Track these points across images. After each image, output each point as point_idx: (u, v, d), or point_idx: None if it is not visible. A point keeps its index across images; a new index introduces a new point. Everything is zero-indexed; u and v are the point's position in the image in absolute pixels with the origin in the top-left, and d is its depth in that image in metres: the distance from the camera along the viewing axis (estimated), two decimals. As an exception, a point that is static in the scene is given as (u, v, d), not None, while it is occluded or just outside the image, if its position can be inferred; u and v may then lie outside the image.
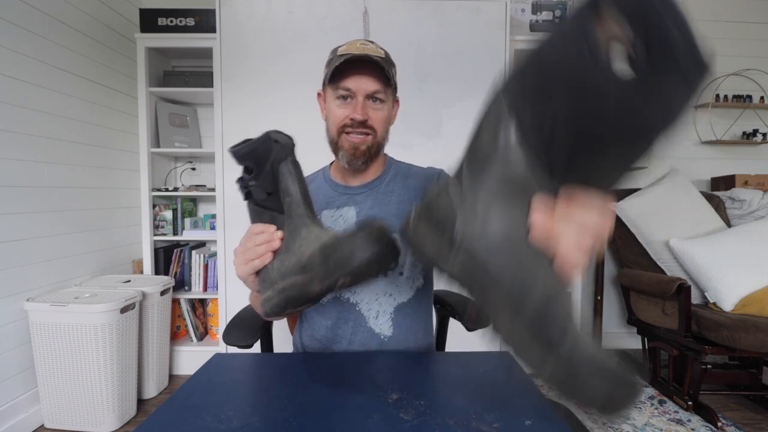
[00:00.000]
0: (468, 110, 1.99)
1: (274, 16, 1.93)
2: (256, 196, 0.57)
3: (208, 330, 2.28)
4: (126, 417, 1.63)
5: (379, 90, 0.77)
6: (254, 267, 0.57)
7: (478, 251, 0.35)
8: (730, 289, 1.71)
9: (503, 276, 0.34)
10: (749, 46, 2.50)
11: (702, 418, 1.67)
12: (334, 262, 0.48)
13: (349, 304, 0.81)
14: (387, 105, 0.80)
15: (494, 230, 0.35)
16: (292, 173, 0.56)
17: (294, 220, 0.56)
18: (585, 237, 0.33)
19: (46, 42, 1.66)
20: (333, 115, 0.79)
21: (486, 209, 0.35)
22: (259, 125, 1.96)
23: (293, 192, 0.56)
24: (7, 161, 1.49)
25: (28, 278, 1.57)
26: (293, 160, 0.57)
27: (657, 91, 0.24)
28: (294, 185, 0.56)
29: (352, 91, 0.76)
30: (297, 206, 0.56)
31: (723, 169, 2.52)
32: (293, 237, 0.55)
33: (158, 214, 2.14)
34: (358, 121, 0.76)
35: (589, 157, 0.29)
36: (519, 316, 0.34)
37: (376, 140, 0.80)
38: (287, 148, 0.57)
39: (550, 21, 2.19)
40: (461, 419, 0.48)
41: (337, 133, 0.79)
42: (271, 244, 0.55)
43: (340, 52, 0.76)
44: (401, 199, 0.85)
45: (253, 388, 0.57)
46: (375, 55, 0.74)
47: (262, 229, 0.57)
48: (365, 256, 0.47)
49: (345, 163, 0.81)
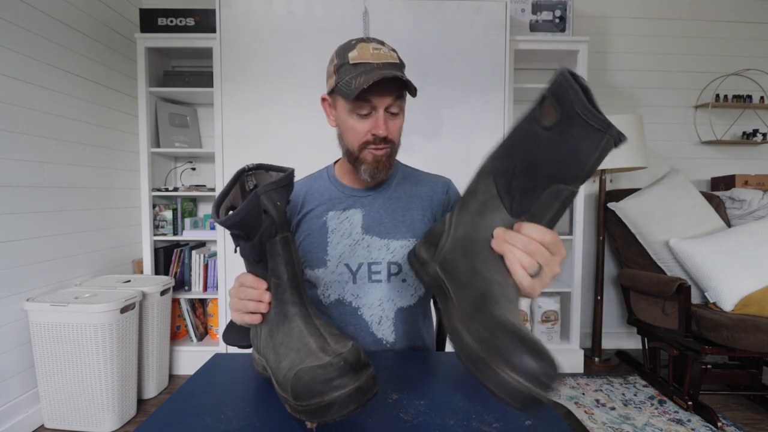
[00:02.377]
0: (468, 110, 1.99)
1: (274, 16, 1.93)
2: (244, 257, 0.54)
3: (208, 330, 2.28)
4: (126, 417, 1.63)
5: (399, 100, 0.74)
6: (244, 322, 0.56)
7: (450, 252, 0.48)
8: (730, 289, 1.71)
9: (465, 271, 0.45)
10: (749, 46, 2.50)
11: (702, 418, 1.67)
12: (304, 408, 0.42)
13: (351, 308, 0.81)
14: (403, 111, 0.78)
15: (462, 233, 0.48)
16: (281, 255, 0.51)
17: (280, 306, 0.51)
18: (530, 252, 0.42)
19: (46, 42, 1.66)
20: (352, 130, 0.75)
21: (461, 224, 0.49)
22: (259, 125, 1.96)
23: (281, 275, 0.51)
24: (7, 161, 1.49)
25: (28, 278, 1.57)
26: (284, 239, 0.52)
27: (573, 138, 0.38)
28: (282, 267, 0.51)
29: (372, 104, 0.72)
30: (285, 290, 0.51)
31: (723, 169, 2.52)
32: (278, 323, 0.51)
33: (158, 214, 2.14)
34: (381, 137, 0.73)
35: (531, 187, 0.42)
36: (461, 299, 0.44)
37: (394, 149, 0.79)
38: (278, 221, 0.51)
39: (550, 21, 2.19)
40: (461, 419, 0.48)
41: (359, 148, 0.76)
42: (259, 306, 0.53)
43: (354, 60, 0.70)
44: (408, 206, 0.84)
45: (253, 388, 0.57)
46: (392, 62, 0.71)
47: (253, 284, 0.54)
48: (338, 416, 0.41)
49: (368, 177, 0.78)
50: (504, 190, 0.44)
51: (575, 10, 2.40)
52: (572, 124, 0.37)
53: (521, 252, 0.42)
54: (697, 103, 2.50)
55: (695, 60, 2.49)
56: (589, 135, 0.37)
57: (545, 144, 0.39)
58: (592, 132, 0.36)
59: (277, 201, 0.51)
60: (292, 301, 0.51)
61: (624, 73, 2.49)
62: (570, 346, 2.17)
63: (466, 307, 0.42)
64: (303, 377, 0.43)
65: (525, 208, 0.43)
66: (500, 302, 0.41)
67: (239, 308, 0.56)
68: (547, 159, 0.40)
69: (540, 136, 0.40)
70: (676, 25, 2.48)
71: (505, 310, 0.40)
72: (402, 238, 0.81)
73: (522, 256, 0.42)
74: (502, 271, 0.43)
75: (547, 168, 0.40)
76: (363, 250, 0.80)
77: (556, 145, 0.39)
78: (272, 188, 0.50)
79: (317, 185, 0.88)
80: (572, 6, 2.19)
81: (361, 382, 0.42)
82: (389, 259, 0.80)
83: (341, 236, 0.81)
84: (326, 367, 0.42)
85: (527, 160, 0.41)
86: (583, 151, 0.38)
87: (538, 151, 0.40)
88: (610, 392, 1.92)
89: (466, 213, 0.47)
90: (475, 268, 0.44)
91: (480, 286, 0.43)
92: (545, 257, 0.42)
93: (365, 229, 0.81)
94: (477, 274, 0.44)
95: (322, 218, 0.83)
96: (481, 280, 0.43)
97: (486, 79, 1.99)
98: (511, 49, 2.04)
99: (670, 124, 2.51)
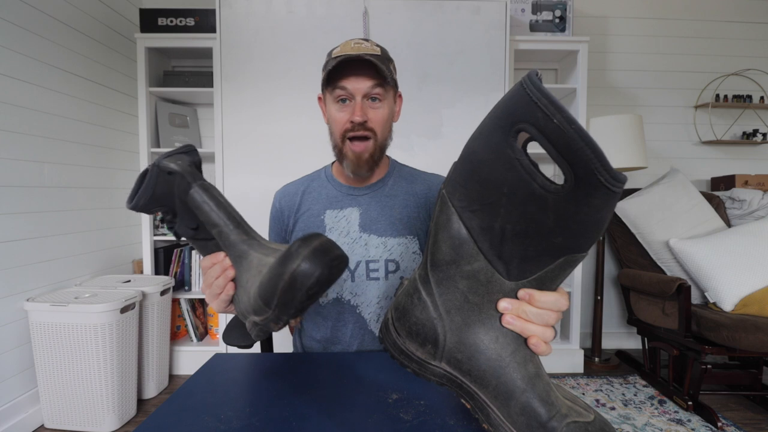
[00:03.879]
0: (468, 110, 1.99)
1: (274, 16, 1.93)
2: (185, 234, 0.51)
3: (208, 330, 2.28)
4: (126, 417, 1.63)
5: (377, 88, 0.76)
6: (224, 301, 0.53)
7: (462, 361, 0.38)
8: (730, 289, 1.72)
9: (487, 377, 0.37)
10: (749, 46, 2.50)
11: (702, 418, 1.67)
12: (277, 305, 0.40)
13: (350, 306, 0.81)
14: (387, 102, 0.79)
15: (461, 320, 0.38)
16: (207, 201, 0.48)
17: (232, 250, 0.49)
18: (547, 324, 0.37)
19: (46, 42, 1.66)
20: (334, 120, 0.79)
21: (453, 308, 0.38)
22: (259, 125, 1.96)
23: (217, 221, 0.48)
24: (7, 161, 1.49)
25: (28, 278, 1.57)
26: (201, 185, 0.48)
27: (592, 208, 0.30)
28: (214, 213, 0.48)
29: (348, 91, 0.75)
30: (228, 234, 0.48)
31: (723, 169, 2.52)
32: (239, 268, 0.49)
33: (158, 214, 2.14)
34: (358, 122, 0.75)
35: (535, 256, 0.34)
36: (507, 407, 0.36)
37: (377, 144, 0.79)
38: (187, 174, 0.48)
39: (550, 21, 2.19)
40: (461, 419, 0.48)
41: (341, 139, 0.78)
42: (226, 273, 0.51)
43: (335, 54, 0.75)
44: (405, 204, 0.85)
45: (253, 388, 0.57)
46: (369, 54, 0.73)
47: (212, 261, 0.52)
48: (307, 287, 0.38)
49: (350, 173, 0.80)
50: (494, 255, 0.35)
51: (575, 10, 2.40)
52: (591, 193, 0.29)
53: (540, 328, 0.37)
54: (697, 103, 2.50)
55: (695, 60, 2.49)
56: (609, 201, 0.29)
57: (551, 211, 0.31)
58: (611, 197, 0.29)
59: (178, 160, 0.48)
60: (240, 239, 0.48)
61: (624, 73, 2.49)
62: (570, 346, 2.17)
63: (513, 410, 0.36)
64: (263, 281, 0.41)
65: (528, 275, 0.35)
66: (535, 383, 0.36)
67: (213, 292, 0.52)
68: (555, 228, 0.32)
69: (539, 198, 0.31)
70: (676, 25, 2.48)
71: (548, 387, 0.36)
72: (399, 236, 0.82)
73: (543, 332, 0.37)
74: (513, 341, 0.37)
75: (556, 238, 0.32)
76: (361, 248, 0.81)
77: (567, 214, 0.31)
78: (168, 155, 0.49)
79: (315, 184, 0.88)
80: (572, 6, 2.19)
81: (312, 245, 0.38)
82: (387, 257, 0.80)
83: (339, 235, 0.82)
84: (278, 258, 0.40)
85: (523, 223, 0.33)
86: (603, 219, 0.31)
87: (540, 216, 0.32)
88: (610, 392, 1.92)
89: (455, 291, 0.38)
90: (491, 358, 0.37)
91: (507, 375, 0.37)
92: (557, 319, 0.39)
93: (362, 228, 0.82)
94: (498, 362, 0.37)
95: (320, 217, 0.84)
96: (501, 368, 0.37)
97: (486, 79, 1.99)
98: (511, 49, 2.04)
99: (670, 124, 2.51)
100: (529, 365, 0.37)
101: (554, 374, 2.12)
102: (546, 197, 0.31)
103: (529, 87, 0.29)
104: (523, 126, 0.30)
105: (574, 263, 0.34)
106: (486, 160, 0.33)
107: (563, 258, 0.33)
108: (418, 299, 0.40)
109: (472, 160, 0.35)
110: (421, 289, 0.40)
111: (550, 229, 0.32)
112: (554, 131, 0.28)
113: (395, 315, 0.42)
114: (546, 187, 0.30)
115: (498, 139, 0.32)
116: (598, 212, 0.30)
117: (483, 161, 0.34)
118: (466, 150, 0.36)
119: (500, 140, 0.32)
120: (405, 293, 0.42)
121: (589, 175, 0.28)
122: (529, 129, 0.29)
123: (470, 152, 0.35)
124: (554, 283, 0.36)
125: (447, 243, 0.38)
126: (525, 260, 0.35)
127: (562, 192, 0.30)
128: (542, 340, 0.37)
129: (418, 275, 0.41)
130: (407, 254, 0.82)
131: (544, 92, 0.28)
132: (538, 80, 0.29)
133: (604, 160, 0.28)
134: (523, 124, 0.30)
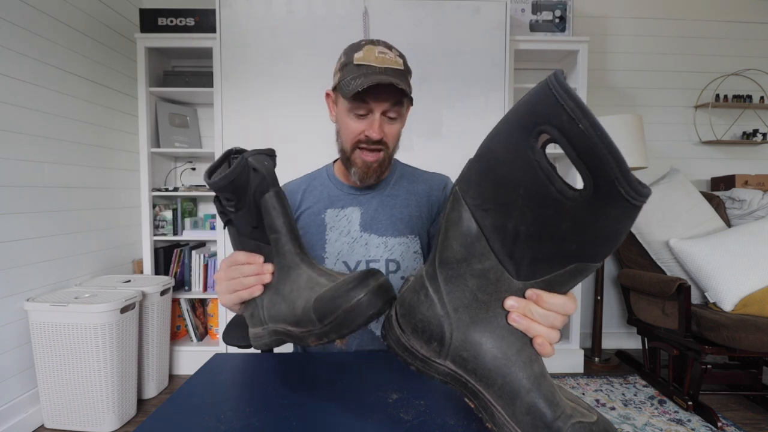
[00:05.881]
0: (468, 110, 1.99)
1: (274, 16, 1.93)
2: (240, 228, 0.53)
3: (208, 330, 2.28)
4: (126, 417, 1.63)
5: (396, 105, 0.74)
6: (241, 298, 0.53)
7: (467, 359, 0.38)
8: (730, 289, 1.71)
9: (492, 376, 0.37)
10: (749, 46, 2.50)
11: (702, 418, 1.67)
12: (332, 323, 0.43)
13: None
14: (402, 117, 0.78)
15: (468, 318, 0.38)
16: (276, 208, 0.51)
17: (282, 258, 0.51)
18: (553, 326, 0.37)
19: (46, 42, 1.66)
20: (347, 128, 0.76)
21: (461, 306, 0.38)
22: (259, 125, 1.96)
23: (279, 228, 0.51)
24: (7, 161, 1.49)
25: (28, 278, 1.57)
26: (276, 192, 0.51)
27: (610, 218, 0.29)
28: (279, 220, 0.51)
29: (368, 106, 0.73)
30: (285, 243, 0.51)
31: (723, 169, 2.52)
32: (282, 277, 0.50)
33: (158, 214, 2.14)
34: (374, 140, 0.74)
35: (546, 260, 0.34)
36: (512, 406, 0.37)
37: (387, 154, 0.79)
38: (269, 177, 0.51)
39: (550, 21, 2.19)
40: (461, 419, 0.48)
41: (351, 147, 0.77)
42: (261, 277, 0.51)
43: (357, 61, 0.71)
44: (407, 203, 0.85)
45: (253, 388, 0.57)
46: (393, 68, 0.71)
47: (248, 259, 0.52)
48: (366, 317, 0.42)
49: (357, 179, 0.80)
50: (504, 255, 0.35)
51: (575, 10, 2.40)
52: (610, 203, 0.28)
53: (546, 329, 0.37)
54: (697, 103, 2.50)
55: (695, 60, 2.49)
56: (628, 213, 0.29)
57: (568, 217, 0.30)
58: (631, 210, 0.28)
59: (264, 161, 0.51)
60: (294, 251, 0.51)
61: (624, 73, 2.49)
62: (570, 346, 2.17)
63: (518, 410, 0.36)
64: (323, 298, 0.44)
65: (537, 276, 0.35)
66: (540, 383, 0.36)
67: (234, 287, 0.53)
68: (570, 234, 0.31)
69: (556, 202, 0.30)
70: (677, 25, 2.48)
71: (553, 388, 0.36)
72: (400, 236, 0.82)
73: (548, 333, 0.37)
74: (519, 340, 0.38)
75: (570, 244, 0.32)
76: (361, 247, 0.81)
77: (583, 222, 0.30)
78: (258, 152, 0.52)
79: (316, 183, 0.88)
80: (572, 6, 2.19)
81: (379, 281, 0.43)
82: (387, 257, 0.80)
83: (339, 234, 0.82)
84: (342, 283, 0.44)
85: (537, 226, 0.32)
86: (620, 231, 0.30)
87: (555, 221, 0.31)
88: (610, 392, 1.92)
89: (464, 289, 0.38)
90: (496, 356, 0.37)
91: (512, 374, 0.37)
92: (563, 322, 0.39)
93: (363, 227, 0.82)
94: (504, 361, 0.37)
95: (321, 215, 0.84)
96: (507, 367, 0.37)
97: (486, 79, 1.99)
98: (511, 49, 2.04)
99: (670, 124, 2.51)
100: (534, 365, 0.37)
101: (554, 374, 2.12)
102: (563, 202, 0.30)
103: (555, 87, 0.28)
104: (545, 128, 0.29)
105: (585, 271, 0.33)
106: (504, 160, 0.32)
107: (575, 265, 0.33)
108: (425, 296, 0.40)
109: (489, 158, 0.34)
110: (429, 286, 0.40)
111: (565, 235, 0.31)
112: (578, 135, 0.27)
113: (400, 311, 0.42)
114: (564, 193, 0.29)
115: (518, 139, 0.31)
116: (616, 223, 0.29)
117: (501, 161, 0.33)
118: (483, 148, 0.35)
119: (520, 140, 0.31)
120: (411, 290, 0.41)
121: (609, 185, 0.27)
122: (552, 131, 0.28)
123: (487, 150, 0.34)
124: (563, 288, 0.36)
125: (458, 240, 0.37)
126: (536, 262, 0.34)
127: (580, 199, 0.29)
128: (547, 341, 0.37)
129: (425, 272, 0.41)
130: (408, 254, 0.81)
131: (571, 93, 0.27)
132: (564, 80, 0.28)
133: (625, 170, 0.27)
134: (546, 125, 0.28)
